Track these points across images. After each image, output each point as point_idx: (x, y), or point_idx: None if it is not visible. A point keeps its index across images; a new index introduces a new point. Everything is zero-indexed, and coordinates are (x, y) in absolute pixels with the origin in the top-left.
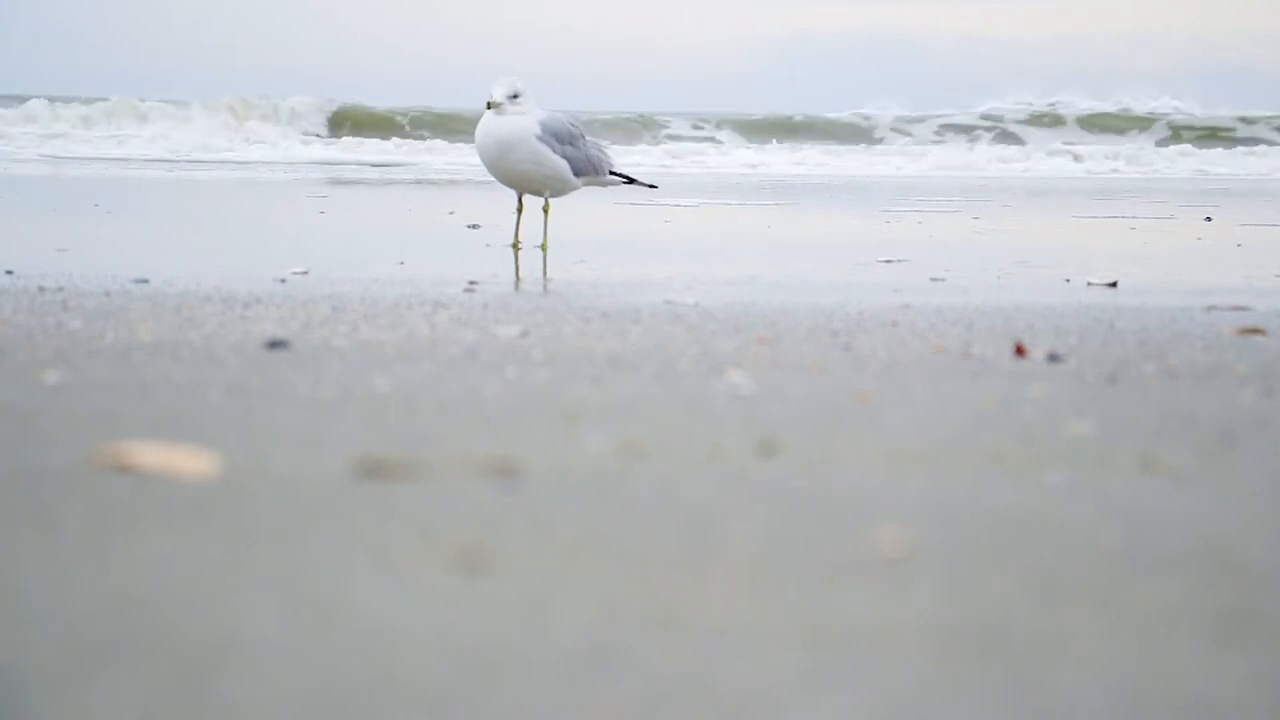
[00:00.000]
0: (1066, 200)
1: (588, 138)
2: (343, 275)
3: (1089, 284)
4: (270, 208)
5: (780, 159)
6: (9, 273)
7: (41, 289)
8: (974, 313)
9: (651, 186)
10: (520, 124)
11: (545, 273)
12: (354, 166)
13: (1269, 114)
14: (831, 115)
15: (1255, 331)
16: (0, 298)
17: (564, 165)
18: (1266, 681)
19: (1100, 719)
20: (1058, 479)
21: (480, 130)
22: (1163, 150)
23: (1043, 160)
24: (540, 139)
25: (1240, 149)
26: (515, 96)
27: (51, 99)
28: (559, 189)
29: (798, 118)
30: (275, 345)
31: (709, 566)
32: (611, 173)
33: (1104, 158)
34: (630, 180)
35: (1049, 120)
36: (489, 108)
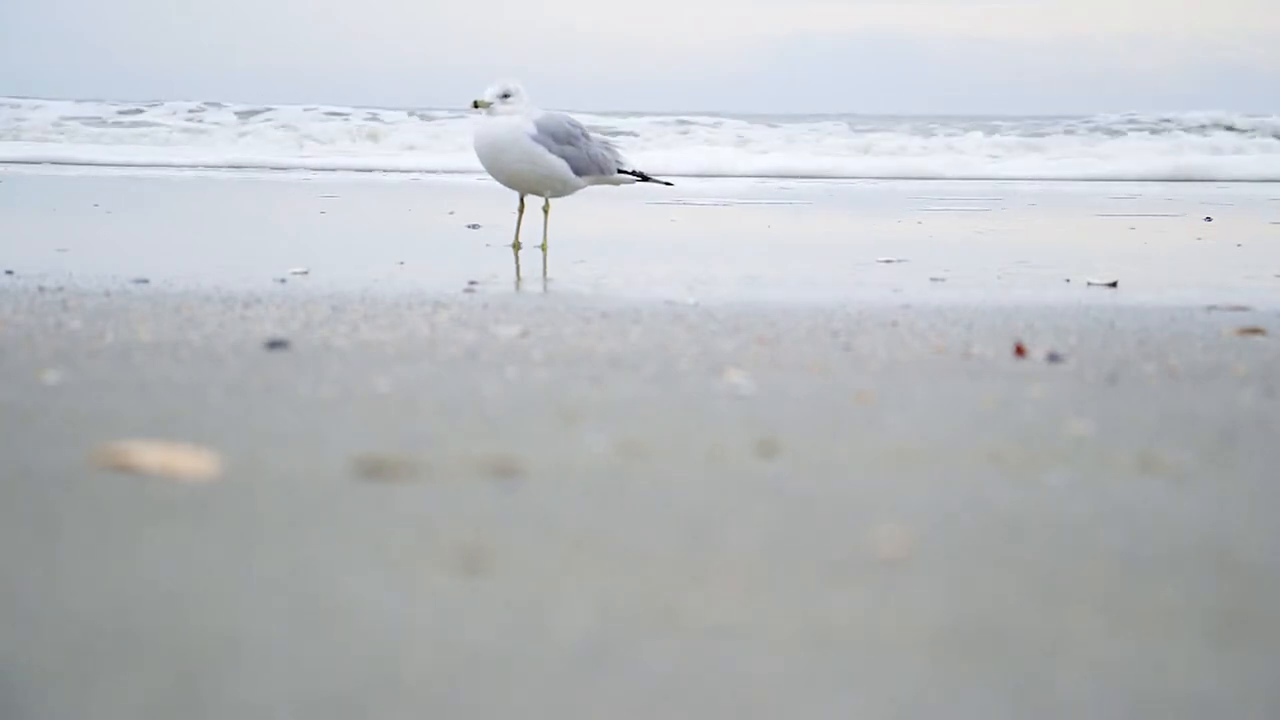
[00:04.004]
0: (1073, 200)
1: (593, 136)
2: (343, 275)
3: (1089, 284)
4: (270, 208)
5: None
6: (9, 273)
7: (41, 289)
8: (974, 313)
9: (667, 184)
10: (513, 124)
11: (545, 273)
12: None
13: None
14: None
15: (1255, 331)
16: (0, 298)
17: (562, 165)
18: (1266, 681)
19: (1100, 719)
20: (1058, 479)
21: (475, 132)
22: None
23: None
24: (535, 139)
25: None
26: (506, 96)
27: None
28: (559, 189)
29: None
30: (275, 345)
31: (709, 566)
32: (622, 171)
33: None
34: (645, 178)
35: None
36: (475, 106)
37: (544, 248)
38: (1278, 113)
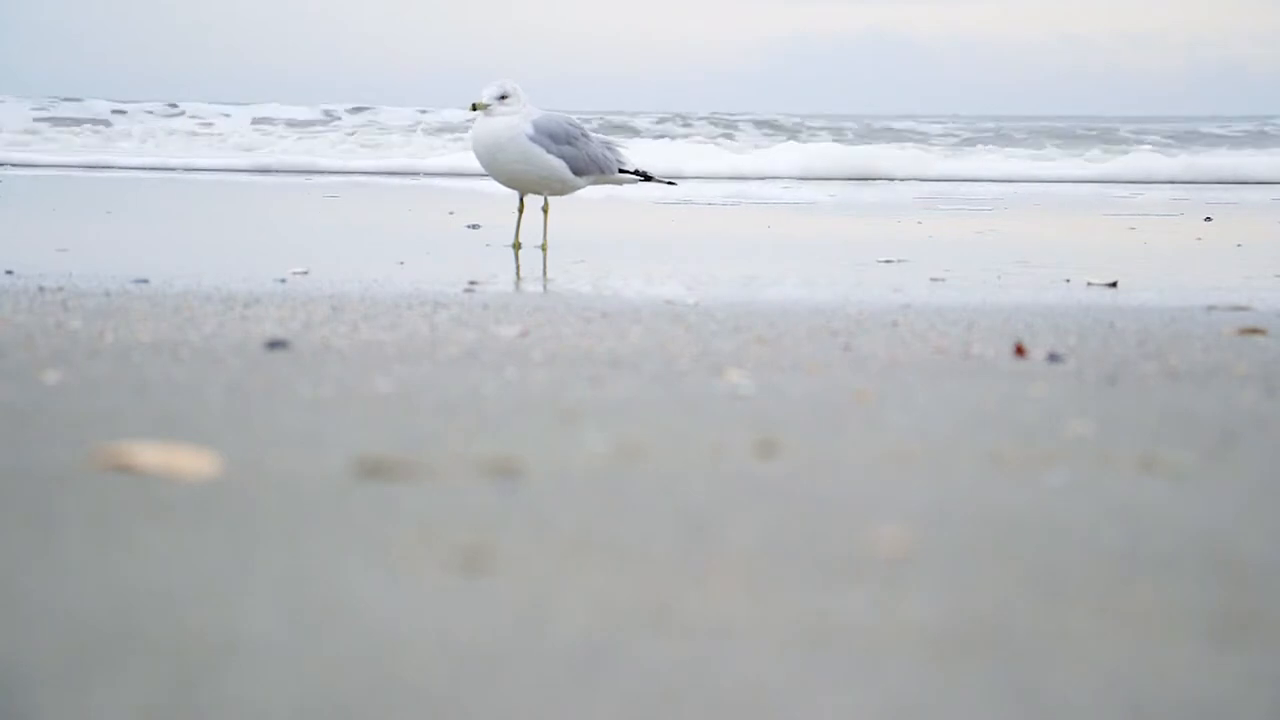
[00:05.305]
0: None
1: (593, 136)
2: (343, 275)
3: (1089, 284)
4: (270, 208)
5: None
6: (9, 273)
7: (41, 289)
8: (974, 313)
9: (670, 184)
10: (511, 124)
11: (545, 273)
12: None
13: None
14: None
15: (1255, 331)
16: (0, 298)
17: (560, 165)
18: (1266, 681)
19: (1099, 719)
20: (1058, 479)
21: (473, 132)
22: None
23: None
24: (533, 139)
25: None
26: (504, 97)
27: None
28: (558, 189)
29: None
30: (275, 345)
31: (708, 566)
32: (623, 170)
33: None
34: (648, 177)
35: None
36: (473, 109)
37: (544, 248)
38: (1277, 112)
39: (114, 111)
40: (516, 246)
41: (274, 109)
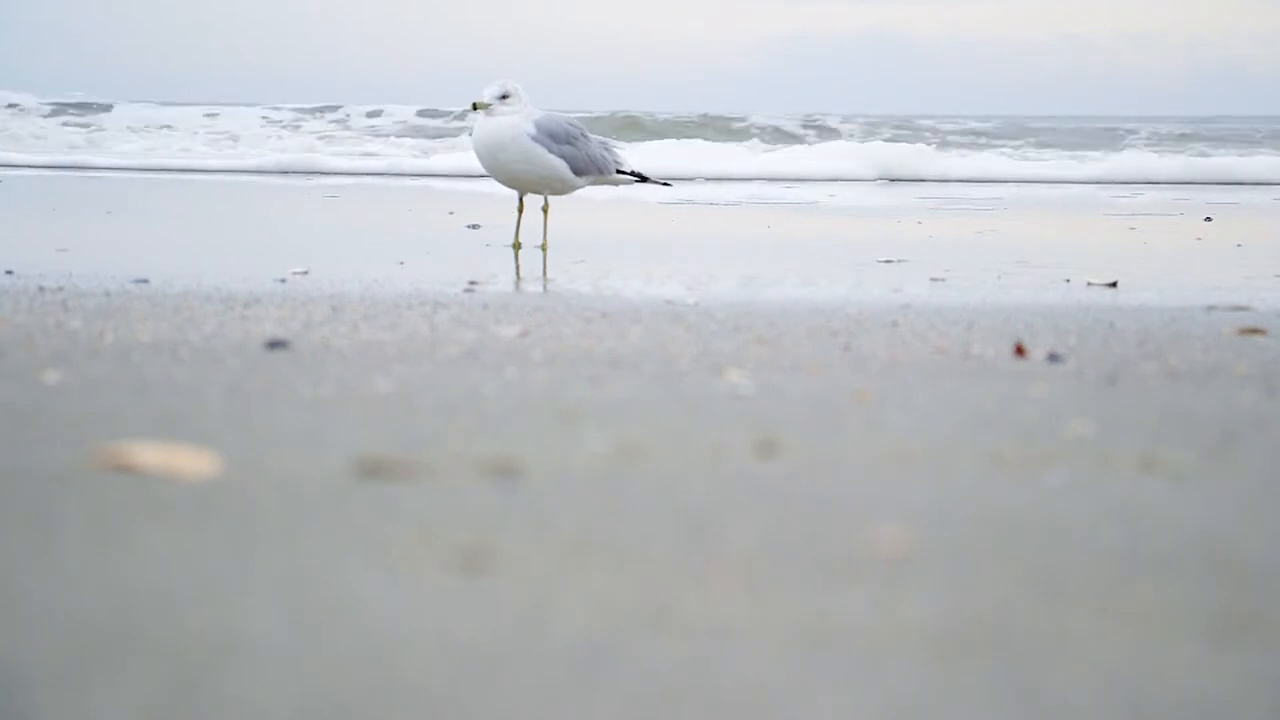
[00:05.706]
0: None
1: (591, 136)
2: (343, 275)
3: (1089, 284)
4: (270, 208)
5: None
6: (9, 273)
7: (41, 289)
8: (974, 313)
9: (665, 184)
10: (512, 124)
11: (545, 273)
12: None
13: None
14: None
15: (1255, 331)
16: (0, 297)
17: (561, 165)
18: (1266, 681)
19: (1099, 719)
20: (1058, 479)
21: (475, 132)
22: None
23: None
24: (534, 139)
25: None
26: (505, 97)
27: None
28: (558, 189)
29: None
30: (275, 345)
31: (708, 566)
32: (620, 171)
33: None
34: (643, 178)
35: None
36: (474, 108)
37: (544, 248)
38: (1277, 112)
39: (114, 111)
40: (516, 246)
41: (274, 109)
